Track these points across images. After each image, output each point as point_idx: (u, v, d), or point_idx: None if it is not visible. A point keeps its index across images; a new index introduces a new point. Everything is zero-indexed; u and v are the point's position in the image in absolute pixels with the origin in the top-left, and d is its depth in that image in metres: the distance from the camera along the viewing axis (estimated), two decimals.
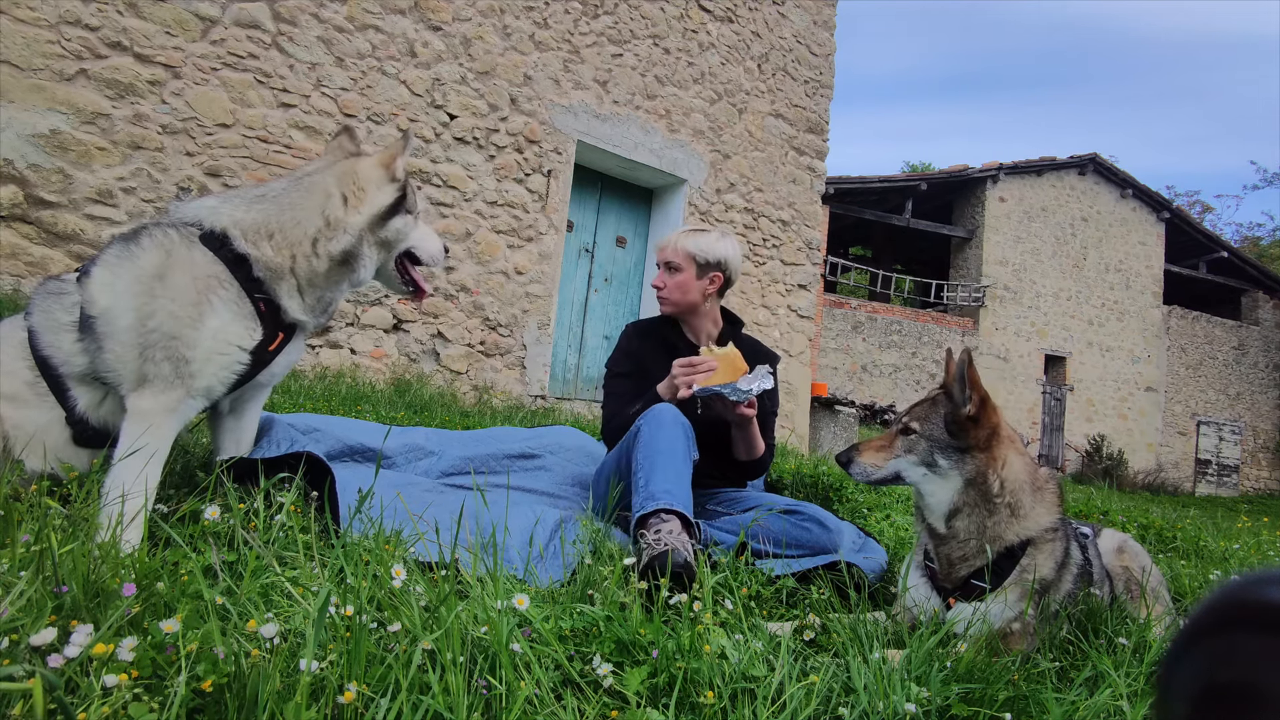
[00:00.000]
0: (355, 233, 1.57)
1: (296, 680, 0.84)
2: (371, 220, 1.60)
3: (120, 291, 1.40)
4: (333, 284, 1.59)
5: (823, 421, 7.90)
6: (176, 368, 1.39)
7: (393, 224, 1.64)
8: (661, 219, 7.26)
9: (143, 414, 1.37)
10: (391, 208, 1.63)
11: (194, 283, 1.40)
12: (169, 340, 1.38)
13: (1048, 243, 16.18)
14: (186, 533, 1.32)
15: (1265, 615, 0.31)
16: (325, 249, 1.54)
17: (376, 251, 1.65)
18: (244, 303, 1.47)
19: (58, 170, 4.19)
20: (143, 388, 1.38)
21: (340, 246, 1.56)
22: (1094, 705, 1.14)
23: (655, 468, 1.74)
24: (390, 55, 5.36)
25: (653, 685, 1.07)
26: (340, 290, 1.62)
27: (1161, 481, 16.44)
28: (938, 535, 1.53)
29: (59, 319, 1.45)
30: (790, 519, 1.97)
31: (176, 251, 1.42)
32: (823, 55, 8.15)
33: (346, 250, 1.57)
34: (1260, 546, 3.42)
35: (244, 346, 1.47)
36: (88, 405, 1.46)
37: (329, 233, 1.55)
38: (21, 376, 1.44)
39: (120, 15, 4.35)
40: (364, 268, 1.62)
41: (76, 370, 1.44)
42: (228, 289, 1.44)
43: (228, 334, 1.44)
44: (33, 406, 1.43)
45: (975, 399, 1.48)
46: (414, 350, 5.53)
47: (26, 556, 1.02)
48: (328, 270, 1.56)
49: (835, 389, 13.59)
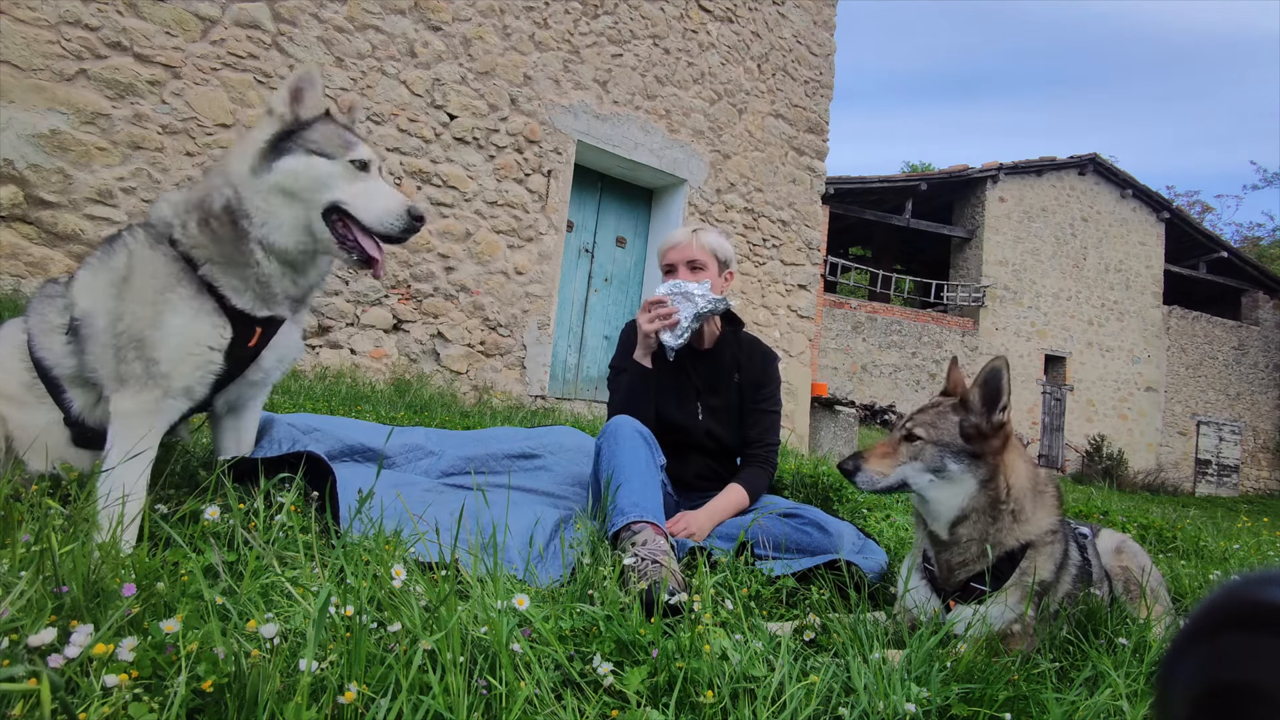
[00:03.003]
0: (235, 182, 1.39)
1: (297, 680, 0.84)
2: (253, 163, 1.38)
3: (97, 294, 1.40)
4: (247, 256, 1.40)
5: (823, 421, 7.90)
6: (147, 368, 1.36)
7: (282, 164, 1.38)
8: (661, 219, 7.27)
9: (124, 414, 1.37)
10: (271, 143, 1.39)
11: (151, 282, 1.36)
12: (135, 342, 1.36)
13: (1048, 243, 16.18)
14: (187, 533, 1.32)
15: (1265, 615, 0.31)
16: (211, 208, 1.39)
17: (281, 203, 1.40)
18: (204, 299, 1.38)
19: (58, 170, 4.19)
20: (122, 388, 1.37)
21: (220, 201, 1.38)
22: (1094, 705, 1.14)
23: (620, 482, 1.75)
24: (390, 55, 5.36)
25: (653, 685, 1.07)
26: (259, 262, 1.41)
27: (1161, 482, 16.44)
28: (940, 541, 1.52)
29: (52, 321, 1.45)
30: (790, 522, 1.97)
31: (138, 252, 1.39)
32: (823, 55, 8.16)
33: (226, 204, 1.38)
34: (1260, 546, 3.42)
35: (213, 346, 1.39)
36: (83, 407, 1.47)
37: (222, 189, 1.39)
38: (21, 378, 1.45)
39: (120, 15, 4.35)
40: (261, 224, 1.39)
41: (68, 372, 1.44)
42: (185, 287, 1.37)
43: (191, 333, 1.37)
44: (33, 408, 1.45)
45: (1008, 408, 1.48)
46: (414, 350, 5.53)
47: (27, 556, 1.02)
48: (230, 237, 1.39)
49: (835, 389, 13.59)
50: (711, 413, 2.19)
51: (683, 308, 2.00)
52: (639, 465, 1.80)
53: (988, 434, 1.48)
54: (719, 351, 2.25)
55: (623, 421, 1.91)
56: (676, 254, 2.16)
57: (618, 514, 1.69)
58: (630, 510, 1.69)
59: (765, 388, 2.24)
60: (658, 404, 2.12)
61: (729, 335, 2.28)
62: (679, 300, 2.02)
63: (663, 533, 1.66)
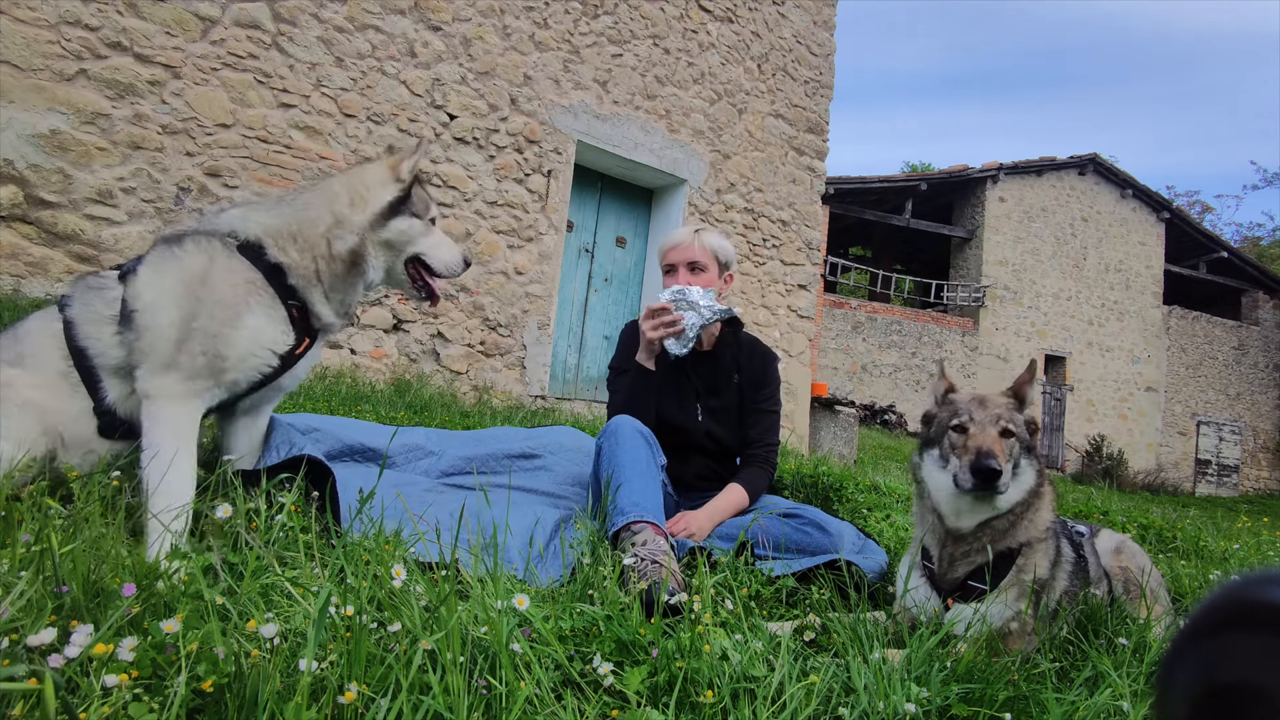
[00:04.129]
0: (358, 231, 1.62)
1: (297, 680, 0.84)
2: (373, 219, 1.64)
3: (165, 289, 1.48)
4: (349, 286, 1.65)
5: (823, 422, 7.90)
6: (211, 362, 1.46)
7: (394, 224, 1.67)
8: (662, 219, 7.27)
9: (167, 395, 1.43)
10: (390, 207, 1.66)
11: (233, 288, 1.50)
12: (209, 338, 1.46)
13: (1048, 243, 16.18)
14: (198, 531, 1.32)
15: (1265, 615, 0.31)
16: (335, 249, 1.61)
17: (382, 253, 1.68)
18: (278, 308, 1.55)
19: (58, 170, 4.19)
20: (169, 370, 1.44)
21: (346, 245, 1.61)
22: (1094, 705, 1.14)
23: (620, 482, 1.75)
24: (390, 55, 5.36)
25: (653, 684, 1.07)
26: (356, 292, 1.67)
27: (1161, 482, 16.44)
28: (958, 537, 1.51)
29: (99, 312, 1.51)
30: (790, 523, 1.97)
31: (218, 258, 1.52)
32: (823, 55, 8.15)
33: (352, 249, 1.62)
34: (1260, 546, 3.42)
35: (276, 350, 1.55)
36: (118, 397, 1.52)
37: (337, 231, 1.61)
38: (57, 367, 1.49)
39: (120, 15, 4.35)
40: (371, 269, 1.67)
41: (112, 362, 1.50)
42: (263, 295, 1.53)
43: (263, 337, 1.52)
44: (66, 396, 1.49)
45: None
46: (414, 350, 5.53)
47: (27, 556, 1.02)
48: (343, 272, 1.62)
49: (835, 389, 13.59)
50: (711, 414, 2.19)
51: (688, 316, 1.98)
52: (639, 465, 1.80)
53: (1035, 431, 1.51)
54: (719, 353, 2.24)
55: (623, 421, 1.91)
56: (678, 254, 2.15)
57: (618, 514, 1.69)
58: (630, 510, 1.69)
59: (765, 388, 2.24)
60: (658, 405, 2.11)
61: (728, 336, 2.27)
62: (683, 308, 2.00)
63: (663, 533, 1.66)
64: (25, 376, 1.46)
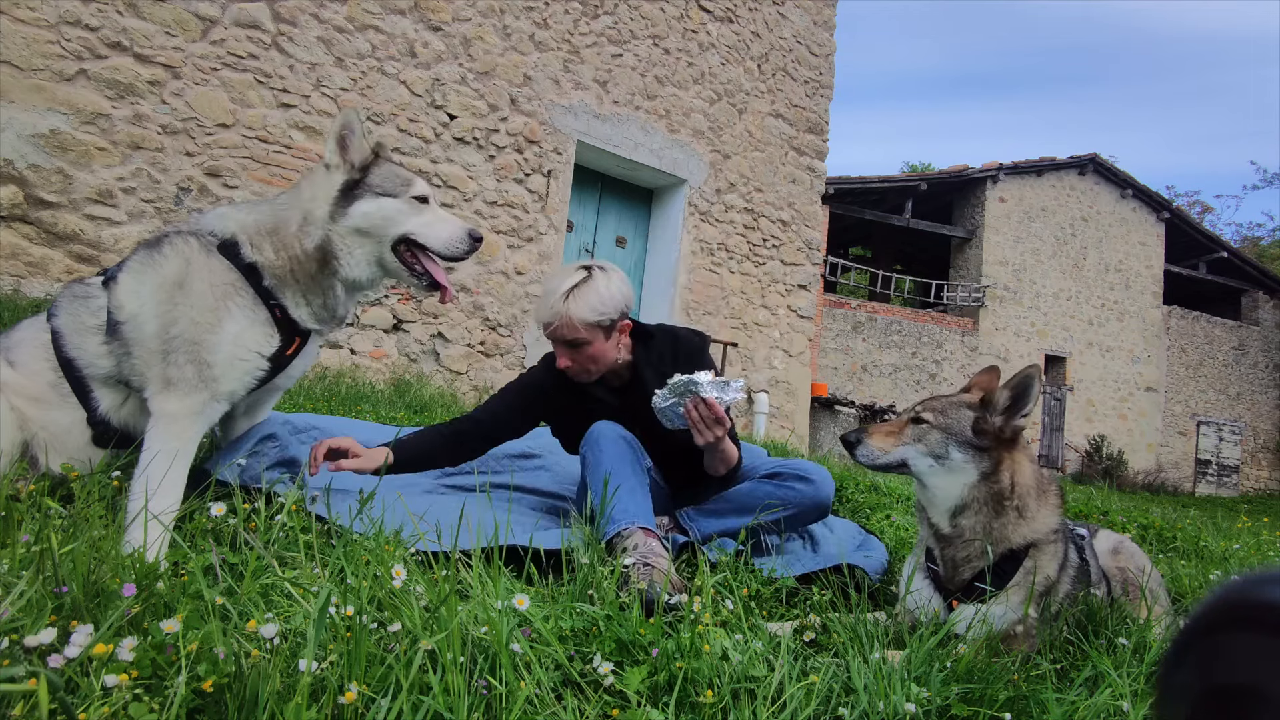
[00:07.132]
0: (321, 225, 1.52)
1: (297, 680, 0.84)
2: (331, 209, 1.52)
3: (145, 298, 1.44)
4: (326, 287, 1.54)
5: (823, 421, 7.90)
6: (199, 371, 1.42)
7: (356, 208, 1.53)
8: (661, 219, 7.27)
9: (170, 416, 1.40)
10: (343, 191, 1.53)
11: (211, 290, 1.44)
12: (191, 345, 1.41)
13: (1048, 243, 16.18)
14: (188, 531, 1.32)
15: (1265, 615, 0.31)
16: (304, 246, 1.52)
17: (357, 244, 1.55)
18: (259, 309, 1.48)
19: (58, 170, 4.19)
20: (168, 390, 1.41)
21: (313, 242, 1.52)
22: (1094, 705, 1.14)
23: (609, 489, 1.74)
24: (390, 55, 5.36)
25: (653, 684, 1.07)
26: (335, 293, 1.56)
27: (1161, 482, 16.43)
28: (942, 536, 1.53)
29: (85, 322, 1.47)
30: (772, 483, 1.98)
31: (195, 259, 1.46)
32: (823, 55, 8.15)
33: (319, 245, 1.52)
34: (1260, 546, 3.42)
35: (263, 353, 1.49)
36: (110, 407, 1.49)
37: (306, 228, 1.52)
38: (46, 378, 1.46)
39: (120, 15, 4.35)
40: (345, 265, 1.54)
41: (101, 372, 1.47)
42: (243, 296, 1.47)
43: (246, 340, 1.46)
44: (57, 407, 1.46)
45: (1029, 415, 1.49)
46: (414, 350, 5.53)
47: (27, 556, 1.02)
48: (315, 271, 1.52)
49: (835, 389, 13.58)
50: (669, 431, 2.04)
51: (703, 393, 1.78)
52: (625, 470, 1.80)
53: (1005, 436, 1.49)
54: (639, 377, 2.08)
55: (603, 427, 1.88)
56: (552, 334, 1.94)
57: (609, 522, 1.70)
58: (620, 518, 1.70)
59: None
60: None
61: (641, 357, 2.08)
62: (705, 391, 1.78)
63: (655, 535, 1.68)
64: (15, 387, 1.43)
